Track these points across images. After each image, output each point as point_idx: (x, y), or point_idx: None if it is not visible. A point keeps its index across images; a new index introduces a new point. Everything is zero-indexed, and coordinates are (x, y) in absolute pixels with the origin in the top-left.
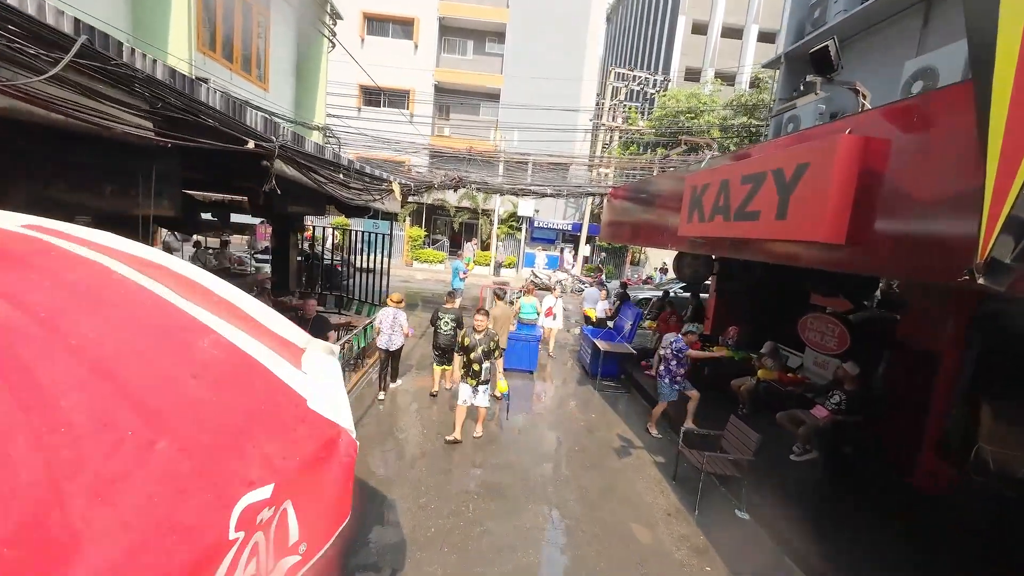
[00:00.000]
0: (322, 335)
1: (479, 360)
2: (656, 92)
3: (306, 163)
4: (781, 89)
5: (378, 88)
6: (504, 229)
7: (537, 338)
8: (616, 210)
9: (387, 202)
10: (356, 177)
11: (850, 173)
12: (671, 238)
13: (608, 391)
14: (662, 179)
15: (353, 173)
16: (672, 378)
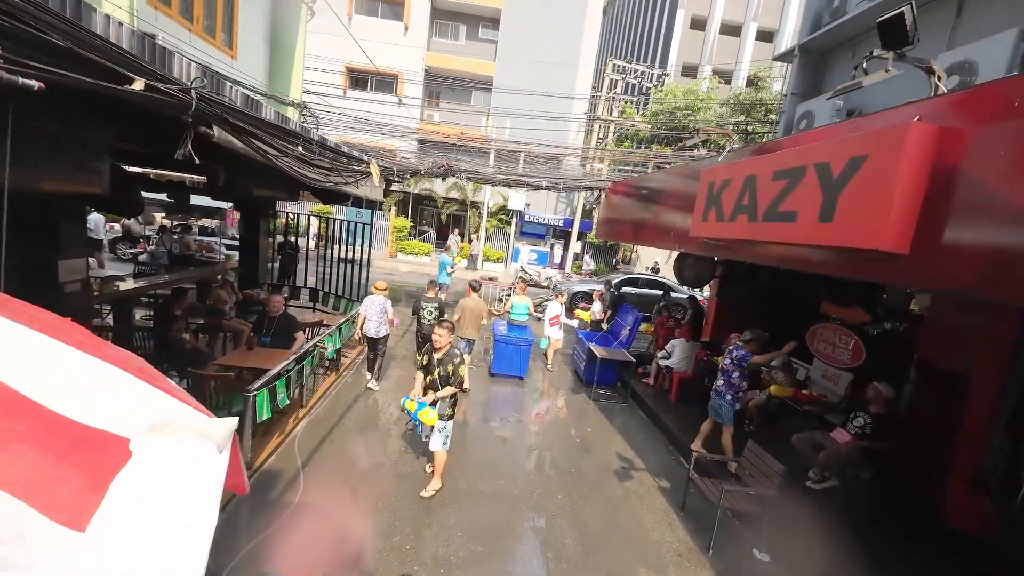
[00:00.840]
0: (288, 336)
1: (434, 387)
2: (654, 87)
3: (244, 125)
4: (795, 83)
5: (366, 70)
6: (493, 222)
7: (528, 342)
8: (615, 206)
9: (365, 187)
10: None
11: (920, 169)
12: (680, 239)
13: (604, 401)
14: (671, 174)
15: (316, 147)
16: (736, 395)
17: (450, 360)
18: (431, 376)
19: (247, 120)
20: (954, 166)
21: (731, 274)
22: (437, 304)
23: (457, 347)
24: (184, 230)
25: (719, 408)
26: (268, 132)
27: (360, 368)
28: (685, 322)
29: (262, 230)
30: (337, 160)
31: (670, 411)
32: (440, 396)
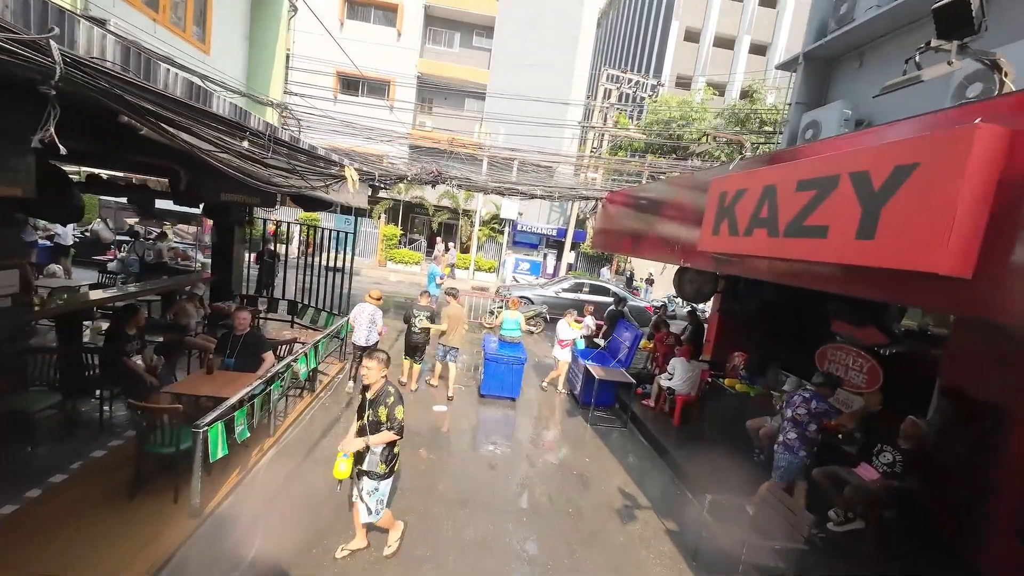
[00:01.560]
0: (255, 356)
1: (363, 435)
2: (648, 96)
3: (150, 107)
4: (799, 92)
5: (358, 75)
6: (486, 231)
7: (521, 361)
8: (612, 216)
9: (343, 193)
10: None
11: (987, 179)
12: (685, 253)
13: (602, 425)
14: (674, 184)
15: (269, 142)
16: (810, 449)
17: (383, 400)
18: (360, 421)
19: (153, 99)
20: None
21: (734, 289)
22: (429, 313)
23: (391, 387)
24: (159, 237)
25: (788, 466)
26: (191, 117)
27: (340, 387)
28: (685, 339)
29: (236, 237)
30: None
31: (673, 437)
32: (374, 441)
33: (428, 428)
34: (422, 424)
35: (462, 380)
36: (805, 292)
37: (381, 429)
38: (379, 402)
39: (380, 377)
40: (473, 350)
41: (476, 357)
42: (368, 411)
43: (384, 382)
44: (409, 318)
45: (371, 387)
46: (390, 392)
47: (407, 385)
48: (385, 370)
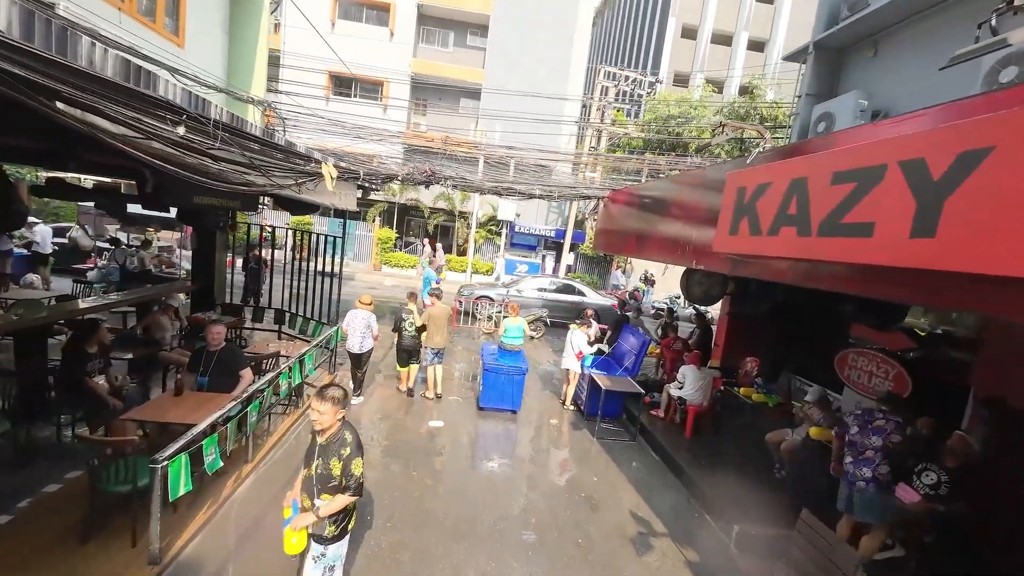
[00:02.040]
0: (231, 374)
1: (309, 490)
2: (646, 94)
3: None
4: (810, 83)
5: (351, 76)
6: (483, 233)
7: (523, 371)
8: (614, 216)
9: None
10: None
11: None
12: (697, 254)
13: (609, 439)
14: (683, 180)
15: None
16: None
17: (336, 450)
18: (307, 470)
19: (63, 75)
20: None
21: (744, 290)
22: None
23: (348, 433)
24: (143, 244)
25: (874, 504)
26: (121, 100)
27: None
28: (692, 343)
29: (218, 243)
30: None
31: (686, 451)
32: (324, 513)
33: (423, 446)
34: (416, 441)
35: (460, 391)
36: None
37: (331, 484)
38: (332, 451)
39: (335, 420)
40: (472, 357)
41: (475, 365)
42: (318, 460)
43: (339, 426)
44: (399, 324)
45: (324, 431)
46: (346, 440)
47: (401, 386)
48: (341, 412)
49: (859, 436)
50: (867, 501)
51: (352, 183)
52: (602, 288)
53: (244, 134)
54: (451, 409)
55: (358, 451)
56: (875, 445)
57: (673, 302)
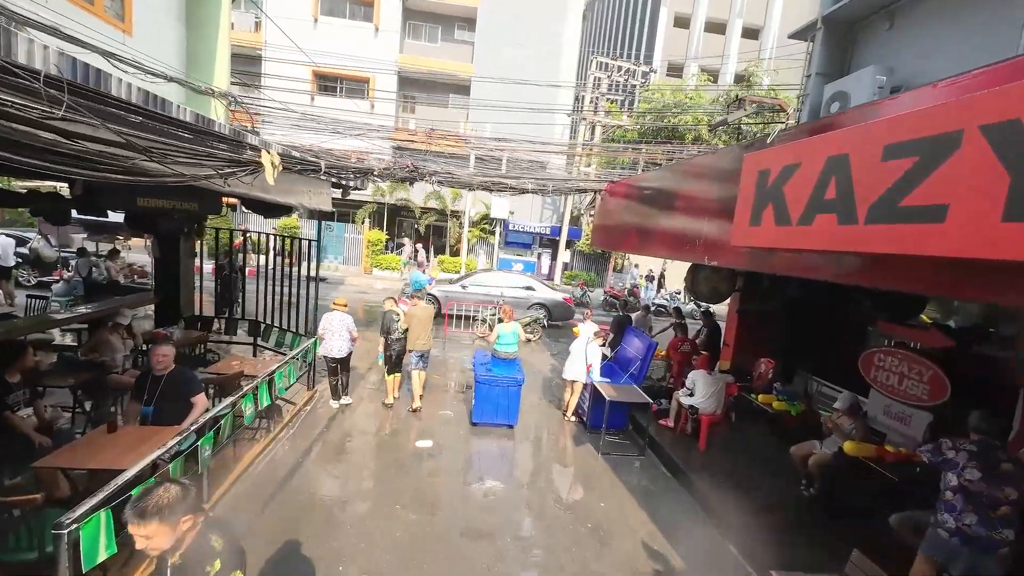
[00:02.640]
0: (182, 402)
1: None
2: (640, 85)
3: None
4: (819, 62)
5: (335, 75)
6: (476, 232)
7: (519, 381)
8: (613, 210)
9: (246, 184)
10: (111, 117)
11: None
12: (710, 248)
13: (615, 455)
14: (690, 168)
15: (57, 90)
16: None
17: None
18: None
19: None
20: None
21: (756, 286)
22: (399, 316)
23: (216, 538)
24: (110, 253)
25: (979, 562)
26: None
27: (309, 418)
28: (700, 343)
29: (183, 251)
30: (193, 140)
31: (702, 467)
32: None
33: (409, 472)
34: (402, 466)
35: (452, 404)
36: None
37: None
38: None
39: (183, 531)
40: (464, 366)
41: (468, 375)
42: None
43: (196, 535)
44: (388, 326)
45: (173, 551)
46: (214, 550)
47: (387, 398)
48: (188, 517)
49: (986, 485)
50: (969, 557)
51: (323, 182)
52: (600, 286)
53: (107, 98)
54: (441, 426)
55: (238, 565)
56: (1011, 499)
57: (674, 299)
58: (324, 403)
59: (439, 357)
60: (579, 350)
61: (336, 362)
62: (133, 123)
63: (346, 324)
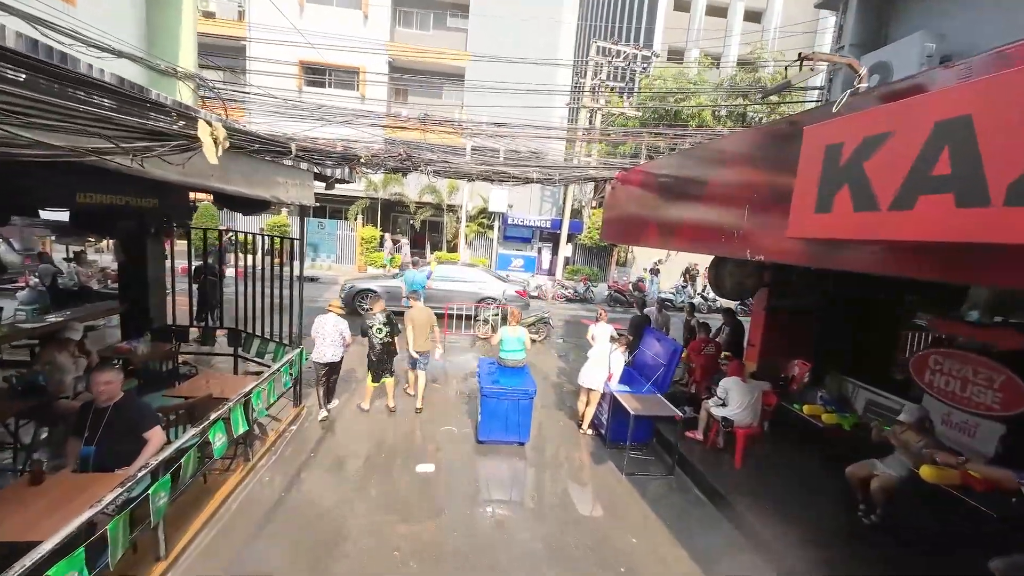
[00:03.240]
0: (130, 441)
1: None
2: (642, 70)
3: None
4: (853, 32)
5: (323, 64)
6: (474, 227)
7: (530, 394)
8: (627, 200)
9: (178, 165)
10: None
11: None
12: (754, 242)
13: (641, 475)
14: (724, 148)
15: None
16: None
17: None
18: None
19: None
20: None
21: (786, 280)
22: (385, 319)
23: None
24: (77, 257)
25: None
26: None
27: (297, 436)
28: (722, 342)
29: (151, 253)
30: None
31: (740, 488)
32: None
33: (410, 508)
34: (400, 502)
35: (456, 418)
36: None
37: None
38: None
39: None
40: (467, 374)
41: (469, 384)
42: None
43: None
44: (365, 331)
45: None
46: None
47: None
48: None
49: None
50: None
51: (303, 173)
52: (603, 280)
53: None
54: (444, 444)
55: None
56: None
57: (680, 292)
58: (312, 420)
59: (438, 363)
60: (600, 357)
61: (326, 367)
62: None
63: (339, 328)
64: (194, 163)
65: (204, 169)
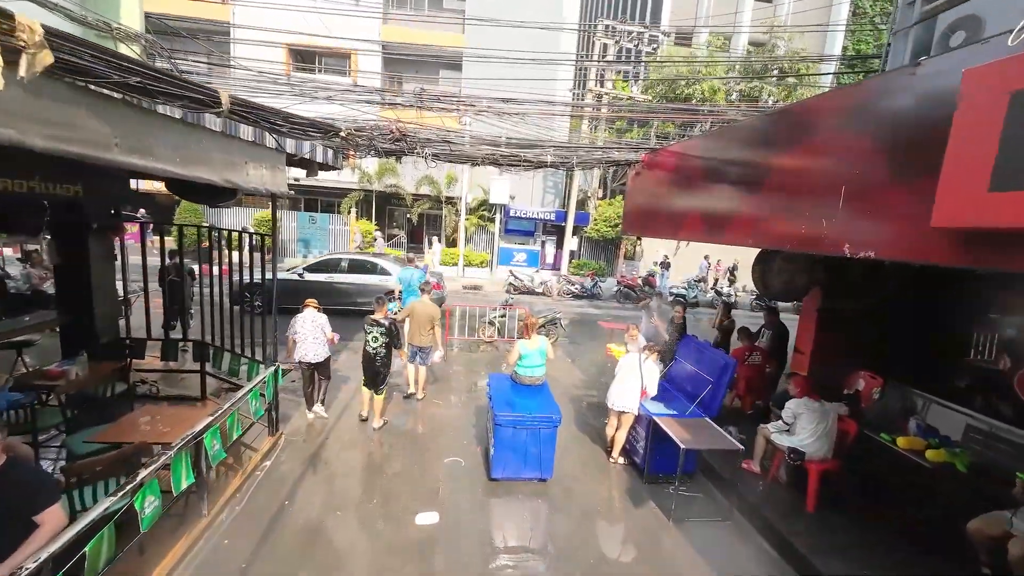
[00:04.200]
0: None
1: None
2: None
3: None
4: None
5: (312, 48)
6: (474, 220)
7: (554, 422)
8: (655, 187)
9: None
10: None
11: None
12: (859, 235)
13: (692, 520)
14: (812, 107)
15: None
16: None
17: None
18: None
19: None
20: None
21: (843, 278)
22: (384, 329)
23: None
24: (29, 257)
25: None
26: None
27: (266, 479)
28: (767, 350)
29: (94, 254)
30: None
31: (819, 541)
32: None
33: (409, 568)
34: (396, 567)
35: (462, 447)
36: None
37: None
38: None
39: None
40: (474, 387)
41: (478, 398)
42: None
43: None
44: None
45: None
46: None
47: (369, 420)
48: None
49: None
50: None
51: (272, 154)
52: (610, 274)
53: None
54: (450, 483)
55: None
56: None
57: (692, 286)
58: (291, 451)
59: (438, 374)
60: (630, 371)
61: (313, 368)
62: None
63: (320, 324)
64: (86, 126)
65: (99, 134)
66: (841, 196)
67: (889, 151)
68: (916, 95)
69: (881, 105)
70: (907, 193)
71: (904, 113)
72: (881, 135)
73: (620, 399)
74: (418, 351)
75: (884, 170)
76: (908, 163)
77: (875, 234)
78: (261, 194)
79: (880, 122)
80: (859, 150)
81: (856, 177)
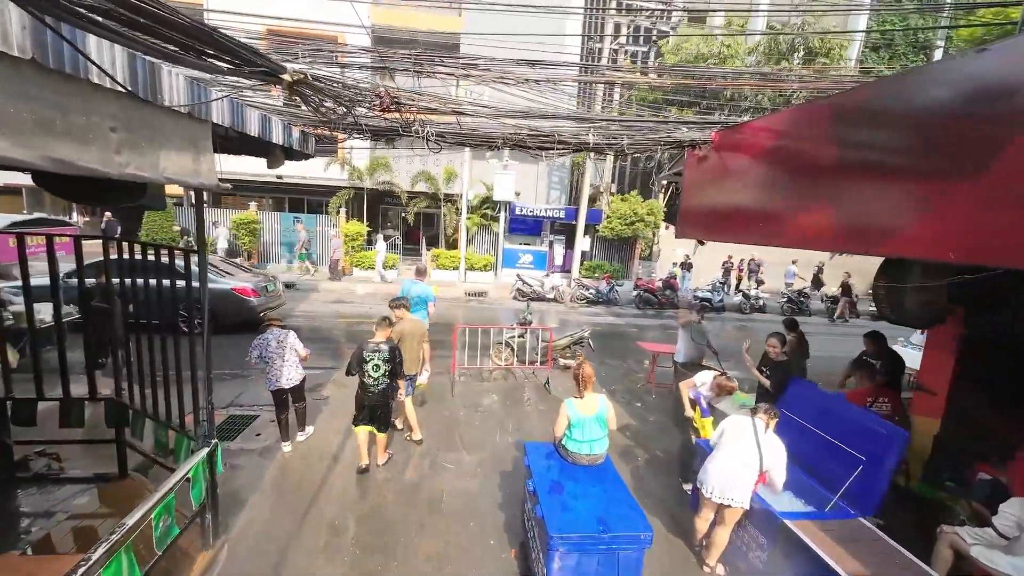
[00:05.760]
0: None
1: None
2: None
3: None
4: None
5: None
6: (476, 219)
7: (642, 543)
8: (730, 176)
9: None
10: None
11: None
12: None
13: None
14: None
15: None
16: None
17: None
18: None
19: None
20: None
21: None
22: (388, 354)
23: None
24: None
25: None
26: None
27: None
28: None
29: None
30: None
31: None
32: None
33: None
34: None
35: (486, 550)
36: None
37: None
38: None
39: None
40: (485, 437)
41: (498, 476)
42: None
43: None
44: (360, 363)
45: None
46: None
47: (368, 466)
48: None
49: None
50: None
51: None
52: (625, 276)
53: None
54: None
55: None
56: None
57: (718, 290)
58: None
59: (442, 424)
60: (738, 442)
61: (287, 393)
62: None
63: (287, 343)
64: None
65: None
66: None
67: None
68: None
69: None
70: None
71: None
72: None
73: (726, 487)
74: (409, 381)
75: None
76: None
77: None
78: (161, 183)
79: None
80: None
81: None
